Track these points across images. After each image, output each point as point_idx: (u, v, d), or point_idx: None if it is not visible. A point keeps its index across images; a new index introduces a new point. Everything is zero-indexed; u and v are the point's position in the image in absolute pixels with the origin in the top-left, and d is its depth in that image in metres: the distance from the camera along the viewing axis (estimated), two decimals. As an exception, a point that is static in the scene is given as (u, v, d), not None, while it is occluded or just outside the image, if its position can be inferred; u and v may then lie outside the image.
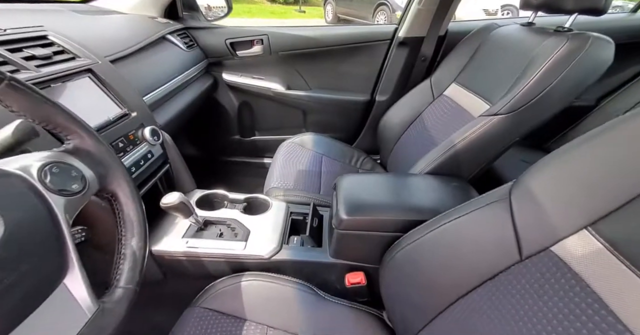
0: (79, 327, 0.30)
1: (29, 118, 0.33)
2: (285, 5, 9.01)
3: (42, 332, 0.27)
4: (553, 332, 0.35)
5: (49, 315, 0.28)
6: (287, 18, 7.55)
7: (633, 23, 1.16)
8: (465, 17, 4.97)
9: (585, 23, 0.71)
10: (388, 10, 5.91)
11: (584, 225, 0.36)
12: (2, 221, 0.25)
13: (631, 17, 1.18)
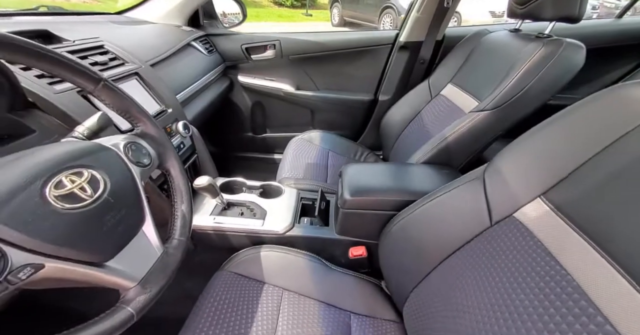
0: (153, 261, 0.41)
1: (114, 109, 0.44)
2: (292, 8, 9.17)
3: (133, 259, 0.38)
4: (515, 282, 0.43)
5: (135, 249, 0.39)
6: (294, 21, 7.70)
7: (618, 28, 1.24)
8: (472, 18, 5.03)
9: (575, 28, 0.80)
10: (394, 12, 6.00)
11: (538, 195, 0.46)
12: (109, 178, 0.37)
13: (617, 22, 1.26)
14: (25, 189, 0.29)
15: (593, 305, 0.34)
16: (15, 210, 0.28)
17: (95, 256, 0.33)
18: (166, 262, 0.42)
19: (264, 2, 9.38)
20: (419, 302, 0.59)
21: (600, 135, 0.41)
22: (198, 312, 0.60)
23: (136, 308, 0.36)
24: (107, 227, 0.35)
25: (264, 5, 9.21)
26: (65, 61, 0.37)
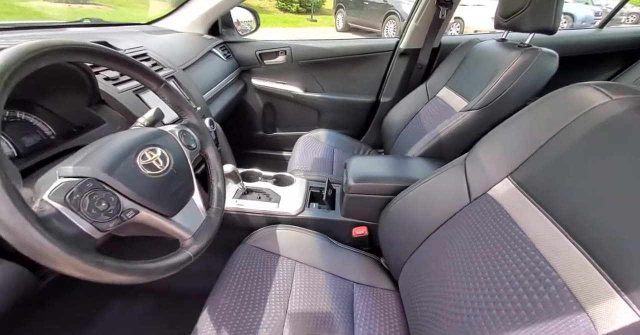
0: (200, 222, 0.52)
1: (169, 104, 0.57)
2: (297, 14, 9.38)
3: (187, 218, 0.50)
4: (487, 247, 0.53)
5: (189, 211, 0.50)
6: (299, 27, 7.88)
7: (600, 37, 1.36)
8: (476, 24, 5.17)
9: (562, 37, 0.90)
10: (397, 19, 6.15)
11: (506, 175, 0.57)
12: (172, 156, 0.49)
13: (599, 32, 1.37)
14: (125, 158, 0.41)
15: (541, 256, 0.44)
16: (123, 172, 0.39)
17: (166, 210, 0.45)
18: (210, 223, 0.54)
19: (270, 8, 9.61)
20: (410, 272, 0.70)
21: (550, 126, 0.52)
22: (224, 277, 0.71)
23: (192, 252, 0.47)
24: (173, 191, 0.47)
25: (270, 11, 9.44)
26: (140, 66, 0.50)
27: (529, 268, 0.45)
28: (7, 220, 0.27)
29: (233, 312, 0.62)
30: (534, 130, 0.55)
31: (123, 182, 0.39)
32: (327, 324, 0.65)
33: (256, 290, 0.69)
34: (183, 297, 0.89)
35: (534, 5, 0.86)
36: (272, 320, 0.63)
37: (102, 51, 0.44)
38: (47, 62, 0.34)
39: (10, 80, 0.30)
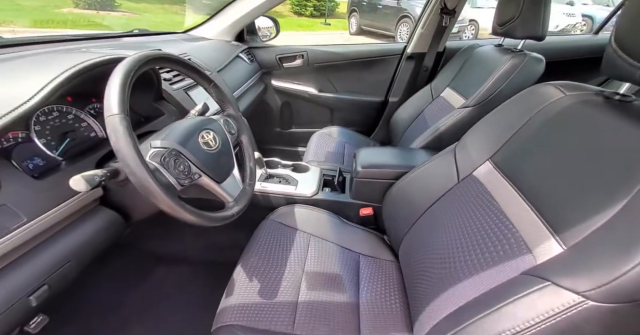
0: (239, 191, 0.67)
1: (215, 98, 0.72)
2: (312, 18, 9.59)
3: (230, 186, 0.64)
4: (469, 217, 0.64)
5: (231, 181, 0.65)
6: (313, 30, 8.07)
7: (595, 42, 1.44)
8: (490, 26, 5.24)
9: (555, 42, 0.99)
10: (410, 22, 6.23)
11: (487, 158, 0.69)
12: (219, 138, 0.64)
13: (594, 38, 1.45)
14: (192, 137, 0.56)
15: (506, 217, 0.56)
16: (191, 146, 0.55)
17: (217, 177, 0.60)
18: (245, 192, 0.69)
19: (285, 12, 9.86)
20: (408, 244, 0.82)
21: (520, 118, 0.64)
22: (253, 243, 0.86)
23: (235, 211, 0.62)
24: (221, 164, 0.62)
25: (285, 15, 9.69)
26: (200, 70, 0.65)
27: (496, 227, 0.57)
28: (135, 170, 0.42)
29: (261, 268, 0.77)
30: (508, 122, 0.67)
31: (191, 152, 0.54)
32: (337, 283, 0.78)
33: (279, 254, 0.83)
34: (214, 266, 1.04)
35: (524, 15, 0.97)
36: (292, 277, 0.77)
37: (178, 59, 0.60)
38: (149, 66, 0.50)
39: (134, 75, 0.46)
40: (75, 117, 0.62)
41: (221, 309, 0.65)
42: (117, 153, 0.42)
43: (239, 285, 0.71)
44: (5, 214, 0.40)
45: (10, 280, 0.41)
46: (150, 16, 6.38)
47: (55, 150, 0.56)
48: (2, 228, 0.39)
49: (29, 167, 0.50)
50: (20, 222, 0.42)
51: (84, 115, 0.63)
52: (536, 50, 1.03)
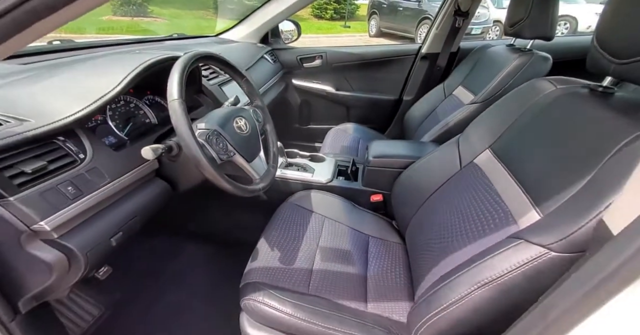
0: (264, 171, 0.78)
1: (245, 92, 0.84)
2: (332, 21, 9.73)
3: (257, 166, 0.76)
4: (469, 198, 0.72)
5: (257, 162, 0.77)
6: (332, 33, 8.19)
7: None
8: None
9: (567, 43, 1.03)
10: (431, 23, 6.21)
11: (486, 147, 0.76)
12: (249, 124, 0.75)
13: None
14: (228, 121, 0.68)
15: (498, 196, 0.64)
16: (228, 129, 0.66)
17: (248, 157, 0.71)
18: (269, 173, 0.79)
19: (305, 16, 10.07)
20: (414, 227, 0.90)
21: (518, 109, 0.71)
22: (274, 221, 0.96)
23: (261, 186, 0.73)
24: (251, 146, 0.73)
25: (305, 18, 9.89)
26: (235, 67, 0.77)
27: (490, 205, 0.65)
28: (189, 143, 0.54)
29: (280, 240, 0.87)
30: (506, 114, 0.74)
31: (228, 134, 0.66)
32: (347, 258, 0.88)
33: (296, 231, 0.93)
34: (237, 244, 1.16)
35: (532, 16, 1.02)
36: (308, 249, 0.87)
37: (220, 57, 0.73)
38: (199, 62, 0.62)
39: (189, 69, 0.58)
40: (135, 106, 0.76)
41: (247, 270, 0.77)
42: (176, 129, 0.54)
43: (262, 253, 0.82)
44: (96, 174, 0.54)
45: (98, 226, 0.54)
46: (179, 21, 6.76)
47: (122, 131, 0.69)
48: (94, 184, 0.52)
49: (105, 143, 0.63)
50: (105, 181, 0.55)
51: (141, 104, 0.77)
52: (545, 50, 1.08)
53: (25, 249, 0.45)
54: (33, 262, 0.46)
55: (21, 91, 0.54)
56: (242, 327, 0.69)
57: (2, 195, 0.42)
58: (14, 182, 0.43)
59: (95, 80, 0.60)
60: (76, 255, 0.49)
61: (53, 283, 0.50)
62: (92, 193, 0.52)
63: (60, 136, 0.52)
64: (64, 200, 0.48)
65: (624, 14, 0.48)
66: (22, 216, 0.43)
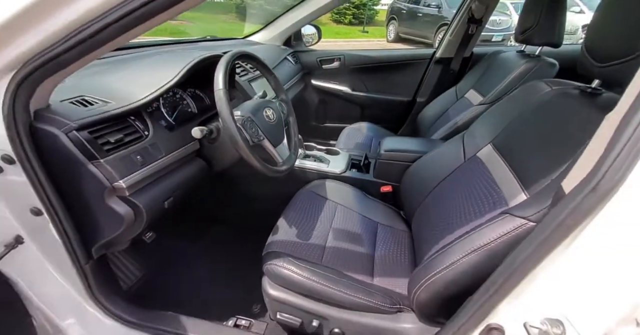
0: (286, 156, 0.89)
1: (273, 87, 0.96)
2: (350, 25, 9.87)
3: (281, 151, 0.87)
4: (470, 187, 0.80)
5: (282, 148, 0.88)
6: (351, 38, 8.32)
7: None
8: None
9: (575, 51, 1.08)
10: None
11: (488, 142, 0.84)
12: (275, 114, 0.86)
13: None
14: (259, 110, 0.80)
15: (495, 183, 0.72)
16: (259, 116, 0.78)
17: (274, 142, 0.83)
18: (291, 158, 0.90)
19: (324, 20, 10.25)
20: (420, 214, 0.98)
21: (517, 107, 0.78)
22: (292, 205, 1.07)
23: (284, 169, 0.84)
24: (277, 133, 0.84)
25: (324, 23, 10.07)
26: (266, 65, 0.89)
27: (487, 191, 0.73)
28: (230, 126, 0.66)
29: (297, 220, 0.98)
30: (507, 112, 0.82)
31: (259, 121, 0.77)
32: (357, 240, 0.97)
33: (312, 214, 1.03)
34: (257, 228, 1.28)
35: (541, 24, 1.09)
36: (322, 229, 0.97)
37: (255, 56, 0.85)
38: (239, 59, 0.74)
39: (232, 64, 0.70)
40: (180, 97, 0.89)
41: (269, 242, 0.87)
42: (220, 113, 0.66)
43: (282, 229, 0.93)
44: (155, 148, 0.66)
45: (156, 190, 0.66)
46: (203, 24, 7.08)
47: (170, 117, 0.82)
48: (154, 156, 0.65)
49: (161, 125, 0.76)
50: (162, 155, 0.67)
51: (185, 95, 0.90)
52: (554, 57, 1.14)
53: (106, 202, 0.57)
54: (110, 213, 0.59)
55: (103, 79, 0.68)
56: (264, 289, 0.79)
57: (95, 157, 0.54)
58: (103, 148, 0.56)
59: (156, 74, 0.73)
60: (141, 211, 0.61)
61: (120, 233, 0.62)
62: (153, 163, 0.65)
63: (131, 116, 0.65)
64: (134, 166, 0.60)
65: (604, 24, 0.56)
66: (107, 174, 0.56)
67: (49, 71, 0.46)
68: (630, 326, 0.33)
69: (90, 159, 0.54)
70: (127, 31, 0.43)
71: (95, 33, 0.42)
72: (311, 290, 0.74)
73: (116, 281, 0.79)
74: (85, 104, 0.59)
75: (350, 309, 0.74)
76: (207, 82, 0.94)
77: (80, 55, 0.45)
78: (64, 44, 0.43)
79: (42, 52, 0.44)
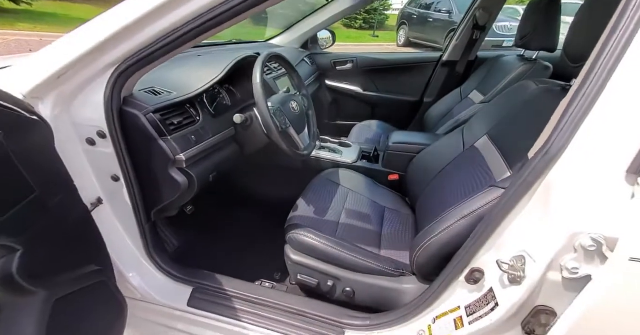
0: (307, 143, 1.03)
1: (296, 83, 1.10)
2: (360, 30, 10.03)
3: (303, 139, 1.01)
4: (466, 172, 0.93)
5: (303, 136, 1.02)
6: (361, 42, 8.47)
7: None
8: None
9: None
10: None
11: (484, 134, 0.97)
12: (298, 106, 1.01)
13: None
14: (286, 103, 0.94)
15: (487, 166, 0.84)
16: (286, 107, 0.92)
17: (298, 130, 0.97)
18: (310, 146, 1.04)
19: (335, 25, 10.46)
20: (423, 200, 1.11)
21: (509, 104, 0.91)
22: (308, 190, 1.20)
23: (305, 153, 0.97)
24: (300, 122, 0.99)
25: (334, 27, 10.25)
26: (291, 64, 1.04)
27: (480, 174, 0.85)
28: (265, 113, 0.80)
29: (314, 200, 1.11)
30: (502, 107, 0.94)
31: (286, 111, 0.91)
32: (366, 219, 1.10)
33: (326, 196, 1.16)
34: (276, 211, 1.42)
35: (537, 31, 1.21)
36: (335, 208, 1.10)
37: (283, 56, 0.99)
38: (270, 60, 0.89)
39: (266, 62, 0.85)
40: (218, 91, 1.04)
41: (290, 217, 1.01)
42: (257, 102, 0.81)
43: (301, 207, 1.07)
44: (204, 131, 0.81)
45: (204, 165, 0.81)
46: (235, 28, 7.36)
47: (211, 107, 0.97)
48: (204, 136, 0.80)
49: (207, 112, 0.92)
50: (209, 136, 0.82)
51: (222, 90, 1.05)
52: (549, 60, 1.26)
53: (168, 171, 0.72)
54: (170, 181, 0.73)
55: (166, 74, 0.84)
56: (286, 255, 0.93)
57: (164, 134, 0.69)
58: (170, 128, 0.71)
59: (204, 71, 0.89)
60: (194, 181, 0.76)
61: (175, 199, 0.77)
62: (203, 142, 0.80)
63: (187, 104, 0.80)
64: (190, 143, 0.75)
65: (578, 29, 0.68)
66: (172, 148, 0.71)
67: (139, 67, 0.62)
68: (570, 253, 0.45)
69: (161, 135, 0.69)
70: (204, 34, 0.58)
71: (179, 37, 0.57)
72: (327, 255, 0.87)
73: (163, 245, 0.94)
74: (155, 93, 0.74)
75: (360, 271, 0.87)
76: (239, 79, 1.09)
77: (164, 54, 0.60)
78: (154, 46, 0.58)
79: (137, 52, 0.59)
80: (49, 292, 0.48)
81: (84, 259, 0.59)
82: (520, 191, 0.49)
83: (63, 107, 0.63)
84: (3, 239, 0.42)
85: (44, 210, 0.50)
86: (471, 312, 0.59)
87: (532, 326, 0.50)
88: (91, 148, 0.68)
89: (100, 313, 0.62)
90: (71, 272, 0.55)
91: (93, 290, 0.60)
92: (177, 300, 0.85)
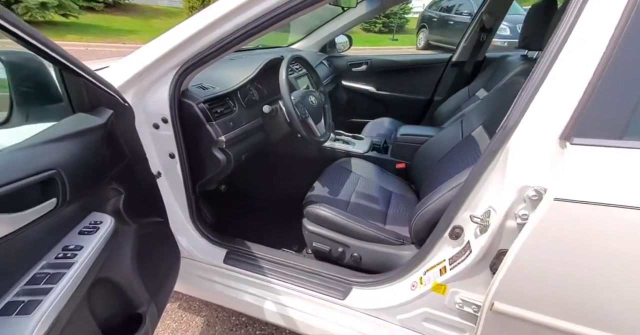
0: (323, 133, 1.20)
1: (314, 81, 1.28)
2: (379, 34, 10.14)
3: (319, 129, 1.18)
4: (463, 158, 1.05)
5: (319, 126, 1.19)
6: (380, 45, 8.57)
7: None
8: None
9: None
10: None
11: (480, 124, 1.09)
12: (317, 101, 1.18)
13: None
14: (306, 97, 1.12)
15: (479, 148, 0.97)
16: (306, 101, 1.10)
17: (316, 120, 1.14)
18: (326, 135, 1.21)
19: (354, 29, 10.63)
20: (426, 185, 1.24)
21: (502, 97, 1.03)
22: (323, 175, 1.37)
23: (322, 140, 1.14)
24: (317, 114, 1.16)
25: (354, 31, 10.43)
26: (310, 64, 1.22)
27: (473, 158, 0.98)
28: (289, 105, 0.98)
29: (328, 183, 1.27)
30: (495, 100, 1.06)
31: (306, 104, 1.09)
32: (374, 201, 1.24)
33: (339, 180, 1.32)
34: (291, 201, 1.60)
35: (537, 32, 1.31)
36: (347, 190, 1.25)
37: (304, 58, 1.18)
38: (295, 61, 1.07)
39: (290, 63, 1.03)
40: (248, 87, 1.24)
41: (308, 195, 1.18)
42: (283, 96, 0.99)
43: (317, 187, 1.23)
44: (239, 119, 1.01)
45: (238, 146, 1.01)
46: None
47: (243, 101, 1.17)
48: (238, 123, 0.99)
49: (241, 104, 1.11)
50: (243, 123, 1.02)
51: (251, 87, 1.25)
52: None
53: (211, 150, 0.92)
54: (213, 158, 0.93)
55: (210, 73, 1.04)
56: (304, 226, 1.09)
57: (211, 119, 0.89)
58: (214, 115, 0.91)
59: (239, 70, 1.09)
60: (231, 159, 0.95)
61: (216, 174, 0.96)
62: (238, 128, 0.99)
63: (227, 97, 1.00)
64: (229, 128, 0.95)
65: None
66: (215, 131, 0.90)
67: (194, 68, 0.81)
68: (521, 204, 0.58)
69: (208, 121, 0.89)
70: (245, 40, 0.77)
71: (230, 42, 0.76)
72: (338, 225, 1.03)
73: (205, 216, 1.14)
74: (203, 88, 0.95)
75: (366, 240, 1.02)
76: (266, 77, 1.29)
77: (213, 58, 0.79)
78: (206, 52, 0.78)
79: (196, 55, 0.79)
80: (137, 227, 0.68)
81: (155, 211, 0.79)
82: (488, 158, 0.63)
83: (139, 98, 0.84)
84: (114, 184, 0.62)
85: (132, 171, 0.70)
86: (452, 262, 0.72)
87: (496, 266, 0.63)
88: (156, 131, 0.89)
89: (165, 253, 0.82)
90: (148, 218, 0.75)
91: (161, 236, 0.80)
92: (215, 258, 1.05)
